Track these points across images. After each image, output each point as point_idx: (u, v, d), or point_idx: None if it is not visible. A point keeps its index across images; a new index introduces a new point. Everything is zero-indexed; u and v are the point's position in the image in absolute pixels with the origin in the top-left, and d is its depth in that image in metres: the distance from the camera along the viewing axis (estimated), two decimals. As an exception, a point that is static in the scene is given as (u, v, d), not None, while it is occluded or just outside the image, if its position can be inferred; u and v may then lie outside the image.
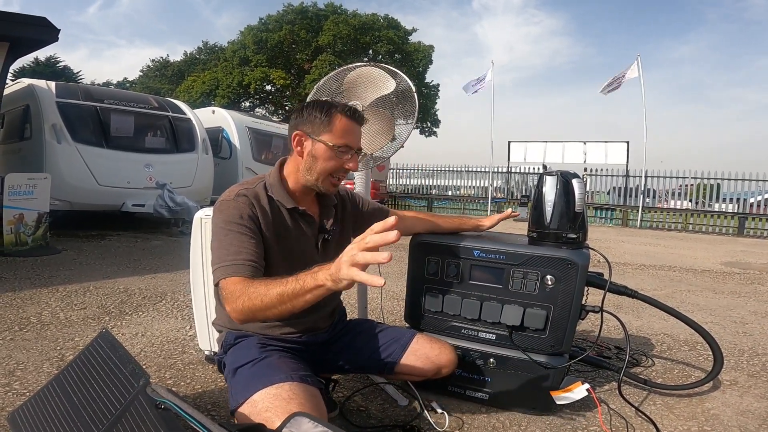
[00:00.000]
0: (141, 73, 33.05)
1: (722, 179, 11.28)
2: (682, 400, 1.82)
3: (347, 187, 1.57)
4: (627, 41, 71.14)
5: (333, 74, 1.89)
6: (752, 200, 11.42)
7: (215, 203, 1.31)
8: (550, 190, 1.63)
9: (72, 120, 5.91)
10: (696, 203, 11.88)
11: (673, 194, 12.01)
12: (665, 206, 11.88)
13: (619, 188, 12.43)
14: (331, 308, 1.54)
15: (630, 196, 12.08)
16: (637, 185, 11.84)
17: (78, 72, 27.44)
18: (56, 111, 5.82)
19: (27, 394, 1.63)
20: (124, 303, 2.92)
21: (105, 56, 70.39)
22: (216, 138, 8.47)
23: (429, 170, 15.41)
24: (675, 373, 2.14)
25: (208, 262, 1.82)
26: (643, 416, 1.64)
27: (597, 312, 1.63)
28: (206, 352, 1.99)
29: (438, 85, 25.22)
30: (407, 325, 1.80)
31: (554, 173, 1.64)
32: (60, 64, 26.04)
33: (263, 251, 1.25)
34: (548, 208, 1.62)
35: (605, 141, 13.15)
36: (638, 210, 11.48)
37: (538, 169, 13.26)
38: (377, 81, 1.79)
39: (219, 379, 1.83)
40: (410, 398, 1.69)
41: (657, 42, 76.69)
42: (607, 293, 1.68)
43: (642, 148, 11.58)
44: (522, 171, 14.06)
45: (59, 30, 4.82)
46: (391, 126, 1.84)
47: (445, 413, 1.60)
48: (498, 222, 1.81)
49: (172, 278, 3.64)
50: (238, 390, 1.20)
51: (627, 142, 12.81)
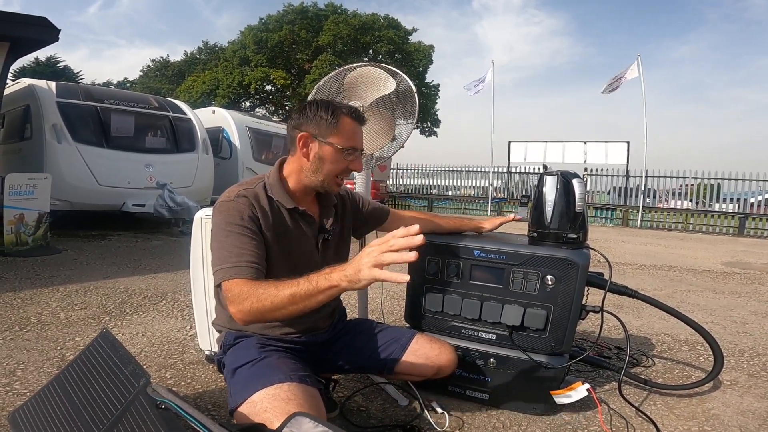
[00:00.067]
0: (141, 73, 33.12)
1: (722, 179, 11.28)
2: (683, 400, 1.82)
3: (347, 187, 1.57)
4: (627, 41, 71.16)
5: (333, 74, 1.89)
6: (752, 200, 11.41)
7: (215, 204, 1.31)
8: (551, 190, 1.63)
9: (72, 120, 5.92)
10: (696, 203, 11.87)
11: (674, 194, 12.01)
12: (665, 206, 11.87)
13: (620, 188, 12.43)
14: (331, 308, 1.54)
15: (630, 196, 12.08)
16: (638, 185, 11.84)
17: (78, 72, 27.49)
18: (57, 111, 5.82)
19: (27, 394, 1.64)
20: (125, 303, 2.92)
21: (105, 56, 70.55)
22: (216, 138, 8.47)
23: (429, 170, 15.41)
24: (675, 373, 2.14)
25: (209, 262, 1.82)
26: (644, 416, 1.64)
27: (597, 312, 1.63)
28: (206, 352, 1.99)
29: (438, 85, 25.25)
30: (407, 325, 1.80)
31: (554, 173, 1.64)
32: (60, 64, 26.06)
33: (264, 252, 1.25)
34: (548, 208, 1.62)
35: (605, 141, 13.15)
36: (638, 210, 11.48)
37: (539, 169, 13.26)
38: (378, 81, 1.79)
39: (219, 379, 1.83)
40: (410, 398, 1.69)
41: (657, 42, 76.74)
42: (608, 293, 1.68)
43: (642, 148, 11.60)
44: (522, 171, 14.07)
45: (59, 30, 4.82)
46: (392, 126, 1.84)
47: (446, 413, 1.60)
48: (499, 226, 1.82)
49: (173, 278, 3.65)
50: (237, 390, 1.20)
51: (627, 142, 12.84)
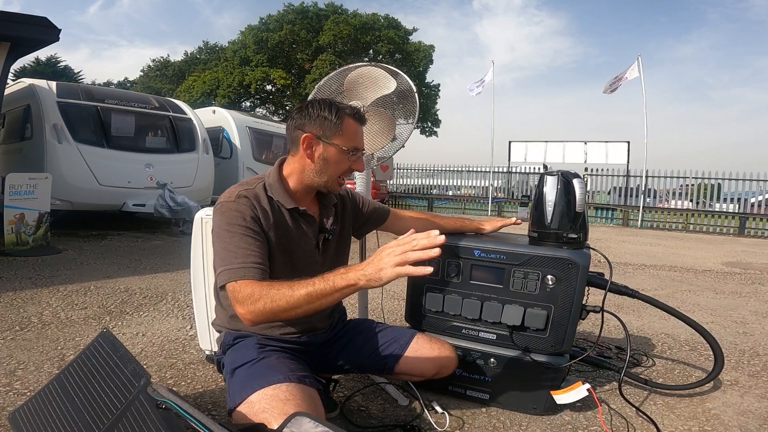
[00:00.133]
0: (142, 73, 33.03)
1: (723, 179, 11.26)
2: (683, 400, 1.82)
3: (347, 187, 1.57)
4: (628, 41, 71.23)
5: (334, 74, 1.89)
6: (753, 200, 11.40)
7: (215, 205, 1.30)
8: (551, 190, 1.63)
9: (73, 120, 5.92)
10: (697, 203, 11.86)
11: (674, 194, 11.99)
12: (666, 206, 11.86)
13: (620, 188, 12.41)
14: (331, 308, 1.54)
15: (631, 196, 12.06)
16: (638, 185, 11.82)
17: (79, 72, 27.43)
18: (57, 111, 5.82)
19: (28, 394, 1.64)
20: (125, 303, 2.92)
21: (106, 56, 70.48)
22: (217, 138, 8.48)
23: (429, 170, 15.40)
24: (676, 373, 2.14)
25: (209, 262, 1.83)
26: (644, 416, 1.64)
27: (598, 312, 1.63)
28: (207, 352, 2.00)
29: (438, 85, 25.27)
30: (408, 325, 1.80)
31: (555, 173, 1.64)
32: (61, 64, 26.03)
33: (267, 253, 1.25)
34: (549, 208, 1.62)
35: (606, 141, 13.14)
36: (639, 210, 11.47)
37: (539, 169, 13.25)
38: (378, 81, 1.79)
39: (220, 379, 1.83)
40: (411, 398, 1.69)
41: (659, 42, 76.88)
42: (608, 293, 1.68)
43: (643, 148, 11.56)
44: (523, 171, 14.05)
45: (60, 30, 4.82)
46: (392, 126, 1.84)
47: (446, 413, 1.60)
48: (500, 228, 1.82)
49: (173, 278, 3.65)
50: (236, 390, 1.20)
51: (628, 142, 12.83)
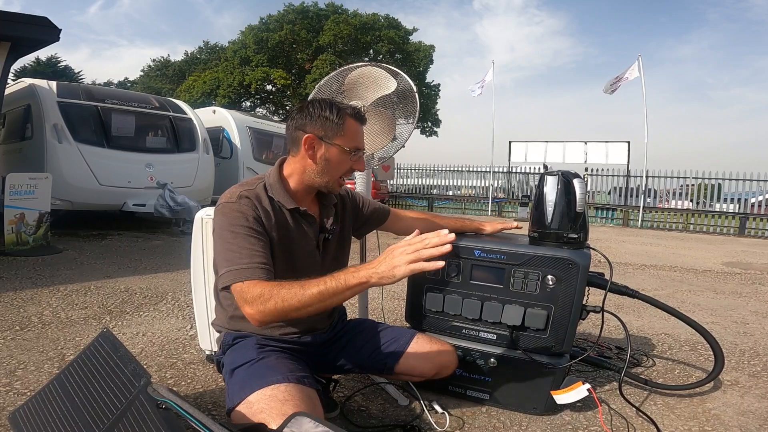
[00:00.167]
0: (142, 73, 33.05)
1: (723, 179, 11.26)
2: (683, 400, 1.82)
3: (347, 187, 1.57)
4: (629, 41, 71.13)
5: (334, 74, 1.89)
6: (753, 200, 11.40)
7: (216, 206, 1.30)
8: (551, 190, 1.63)
9: (73, 120, 5.92)
10: (697, 203, 11.86)
11: (674, 194, 11.99)
12: (666, 206, 11.86)
13: (620, 188, 12.41)
14: (331, 308, 1.54)
15: (631, 196, 12.07)
16: (638, 185, 11.82)
17: (79, 72, 27.44)
18: (57, 111, 5.82)
19: (28, 394, 1.64)
20: (125, 302, 2.92)
21: (106, 56, 70.46)
22: (217, 138, 8.47)
23: (430, 170, 15.40)
24: (676, 373, 2.14)
25: (209, 262, 1.83)
26: (644, 416, 1.64)
27: (598, 312, 1.63)
28: (207, 352, 2.00)
29: (439, 85, 25.27)
30: (408, 325, 1.80)
31: (555, 173, 1.64)
32: (61, 64, 26.04)
33: (270, 253, 1.25)
34: (549, 208, 1.62)
35: (606, 141, 13.13)
36: (639, 210, 11.47)
37: (539, 169, 13.25)
38: (378, 81, 1.79)
39: (220, 379, 1.83)
40: (411, 398, 1.69)
41: (659, 42, 76.80)
42: (608, 293, 1.68)
43: (643, 148, 11.58)
44: (523, 171, 14.06)
45: (60, 30, 4.82)
46: (392, 126, 1.84)
47: (446, 413, 1.60)
48: (500, 231, 1.80)
49: (173, 278, 3.65)
50: (235, 390, 1.20)
51: (628, 142, 12.81)
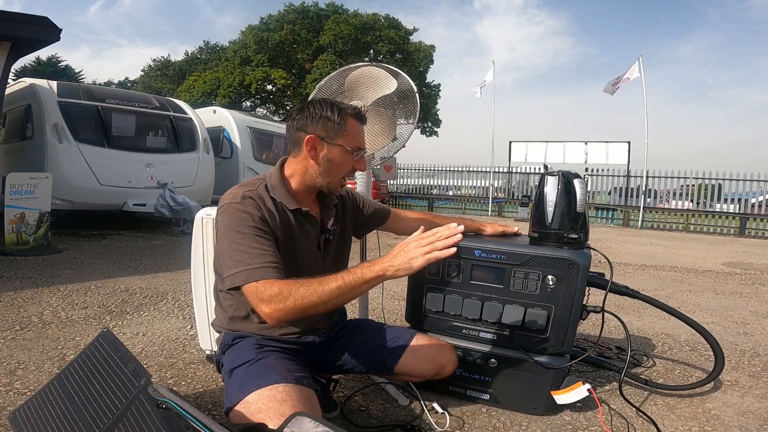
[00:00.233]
0: (142, 73, 33.09)
1: (723, 179, 11.26)
2: (683, 401, 1.82)
3: (348, 187, 1.57)
4: (628, 41, 71.00)
5: (335, 74, 1.89)
6: (753, 200, 11.40)
7: (220, 206, 1.28)
8: (552, 191, 1.62)
9: (73, 119, 5.92)
10: (697, 203, 11.86)
11: (675, 194, 11.99)
12: (666, 206, 11.86)
13: (621, 188, 12.41)
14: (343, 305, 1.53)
15: (631, 197, 12.06)
16: (639, 185, 11.82)
17: (79, 71, 27.49)
18: (58, 110, 5.82)
19: (28, 394, 1.64)
20: (125, 302, 2.92)
21: (106, 56, 70.50)
22: (217, 138, 8.48)
23: (430, 170, 15.40)
24: (676, 374, 2.14)
25: (210, 262, 1.83)
26: (644, 416, 1.64)
27: (598, 312, 1.63)
28: (207, 352, 2.00)
29: (439, 85, 25.28)
30: (408, 326, 1.79)
31: (555, 173, 1.64)
32: (61, 64, 26.07)
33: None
34: (549, 209, 1.62)
35: (606, 141, 13.14)
36: (639, 210, 11.47)
37: (539, 169, 13.25)
38: (379, 81, 1.79)
39: (220, 379, 1.82)
40: (411, 398, 1.69)
41: (659, 42, 76.70)
42: (609, 293, 1.68)
43: (643, 148, 11.57)
44: (523, 171, 14.06)
45: (61, 29, 4.82)
46: (393, 126, 1.84)
47: (446, 413, 1.60)
48: (500, 233, 1.79)
49: (173, 278, 3.65)
50: (233, 390, 1.20)
51: (628, 142, 12.82)
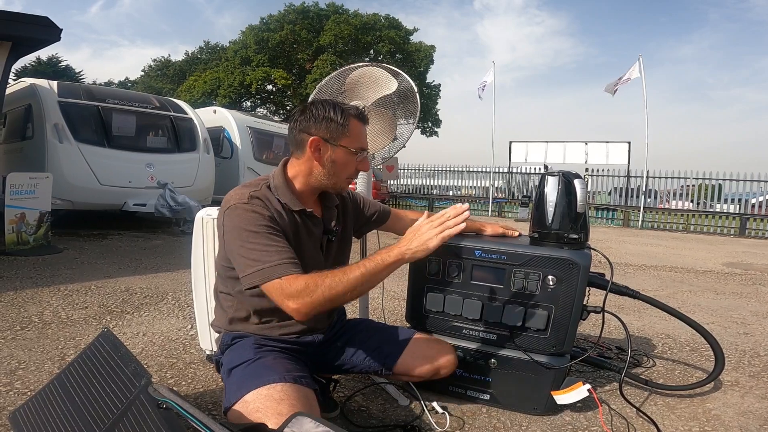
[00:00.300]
0: (143, 73, 33.11)
1: (724, 180, 11.25)
2: (684, 401, 1.82)
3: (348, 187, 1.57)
4: (629, 41, 70.99)
5: (335, 74, 1.89)
6: (754, 201, 11.40)
7: (226, 208, 1.26)
8: (552, 191, 1.62)
9: (74, 119, 5.92)
10: (697, 204, 11.86)
11: (675, 195, 11.98)
12: (667, 207, 11.86)
13: (621, 189, 12.41)
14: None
15: (631, 197, 12.06)
16: (639, 185, 11.82)
17: (80, 71, 27.49)
18: (58, 110, 5.82)
19: (28, 394, 1.64)
20: (126, 302, 2.92)
21: (107, 56, 70.51)
22: (217, 138, 8.48)
23: (430, 170, 15.41)
24: (676, 374, 2.14)
25: (210, 262, 1.83)
26: (645, 417, 1.64)
27: (598, 312, 1.63)
28: (207, 352, 2.00)
29: (439, 85, 25.29)
30: (408, 326, 1.79)
31: (556, 173, 1.64)
32: (62, 64, 26.07)
33: None
34: (550, 209, 1.62)
35: (607, 141, 13.14)
36: (639, 210, 11.47)
37: (539, 170, 13.25)
38: (379, 81, 1.79)
39: (220, 379, 1.82)
40: (411, 398, 1.69)
41: (659, 42, 76.66)
42: (609, 294, 1.68)
43: (643, 149, 11.57)
44: (523, 171, 14.06)
45: (61, 29, 4.82)
46: (393, 126, 1.84)
47: (446, 413, 1.60)
48: (500, 234, 1.78)
49: (174, 278, 3.65)
50: (232, 390, 1.20)
51: (628, 143, 12.82)
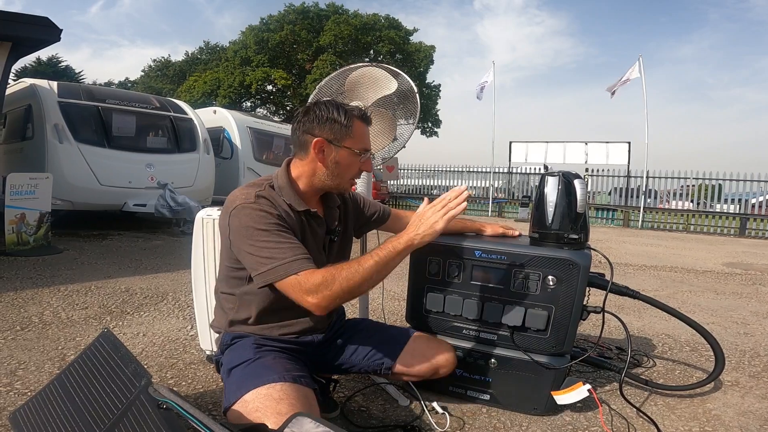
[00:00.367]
0: (143, 73, 33.09)
1: (724, 180, 11.25)
2: (684, 401, 1.82)
3: None
4: (629, 41, 70.95)
5: (335, 74, 1.89)
6: (754, 201, 11.40)
7: (231, 208, 1.25)
8: (552, 191, 1.63)
9: (74, 120, 5.92)
10: (697, 204, 11.86)
11: (675, 195, 11.98)
12: (667, 207, 11.86)
13: (621, 189, 12.41)
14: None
15: (631, 197, 12.06)
16: (639, 186, 11.82)
17: (80, 72, 27.51)
18: (58, 111, 5.82)
19: (28, 394, 1.64)
20: (126, 303, 2.92)
21: (107, 56, 70.50)
22: (217, 138, 8.48)
23: (430, 170, 15.41)
24: (676, 374, 2.14)
25: (210, 262, 1.83)
26: (645, 417, 1.64)
27: (598, 312, 1.63)
28: (207, 352, 2.00)
29: (439, 86, 25.27)
30: (408, 326, 1.79)
31: (556, 174, 1.64)
32: (62, 64, 26.07)
33: None
34: (550, 209, 1.62)
35: (606, 141, 13.14)
36: (639, 210, 11.47)
37: (539, 170, 13.25)
38: (379, 81, 1.79)
39: (220, 379, 1.82)
40: (411, 398, 1.69)
41: (659, 42, 76.63)
42: (609, 294, 1.68)
43: (643, 149, 11.58)
44: (523, 171, 14.06)
45: (61, 30, 4.82)
46: (393, 126, 1.84)
47: (446, 413, 1.60)
48: (500, 235, 1.78)
49: (174, 278, 3.65)
50: (231, 390, 1.20)
51: (628, 143, 12.81)
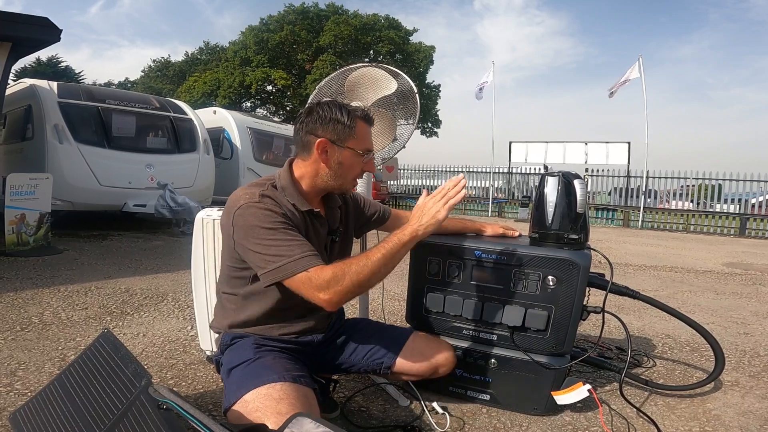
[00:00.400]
0: (142, 74, 33.09)
1: (724, 180, 11.26)
2: (684, 401, 1.82)
3: None
4: (629, 41, 70.92)
5: (335, 75, 1.89)
6: (754, 201, 11.40)
7: (236, 208, 1.24)
8: (552, 191, 1.63)
9: (74, 120, 5.93)
10: (697, 204, 11.86)
11: (675, 195, 11.99)
12: (666, 207, 11.86)
13: (621, 189, 12.41)
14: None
15: (631, 197, 12.06)
16: (639, 186, 11.82)
17: (80, 72, 27.51)
18: (58, 111, 5.82)
19: (28, 394, 1.64)
20: (126, 303, 2.92)
21: (107, 56, 70.53)
22: (217, 138, 8.48)
23: (430, 170, 15.41)
24: (676, 374, 2.14)
25: (210, 263, 1.83)
26: (645, 417, 1.64)
27: (598, 313, 1.63)
28: (207, 352, 2.00)
29: (439, 86, 25.26)
30: (408, 326, 1.79)
31: (556, 174, 1.64)
32: (62, 65, 26.08)
33: None
34: (550, 209, 1.62)
35: (606, 141, 13.14)
36: (639, 210, 11.47)
37: (539, 170, 13.25)
38: (379, 81, 1.79)
39: (220, 379, 1.82)
40: (411, 399, 1.69)
41: (659, 42, 76.61)
42: (609, 294, 1.68)
43: (643, 149, 11.58)
44: (523, 171, 14.06)
45: (61, 30, 4.82)
46: (393, 126, 1.84)
47: (446, 414, 1.60)
48: (500, 235, 1.78)
49: (174, 278, 3.65)
50: (231, 390, 1.20)
51: (628, 143, 12.82)
